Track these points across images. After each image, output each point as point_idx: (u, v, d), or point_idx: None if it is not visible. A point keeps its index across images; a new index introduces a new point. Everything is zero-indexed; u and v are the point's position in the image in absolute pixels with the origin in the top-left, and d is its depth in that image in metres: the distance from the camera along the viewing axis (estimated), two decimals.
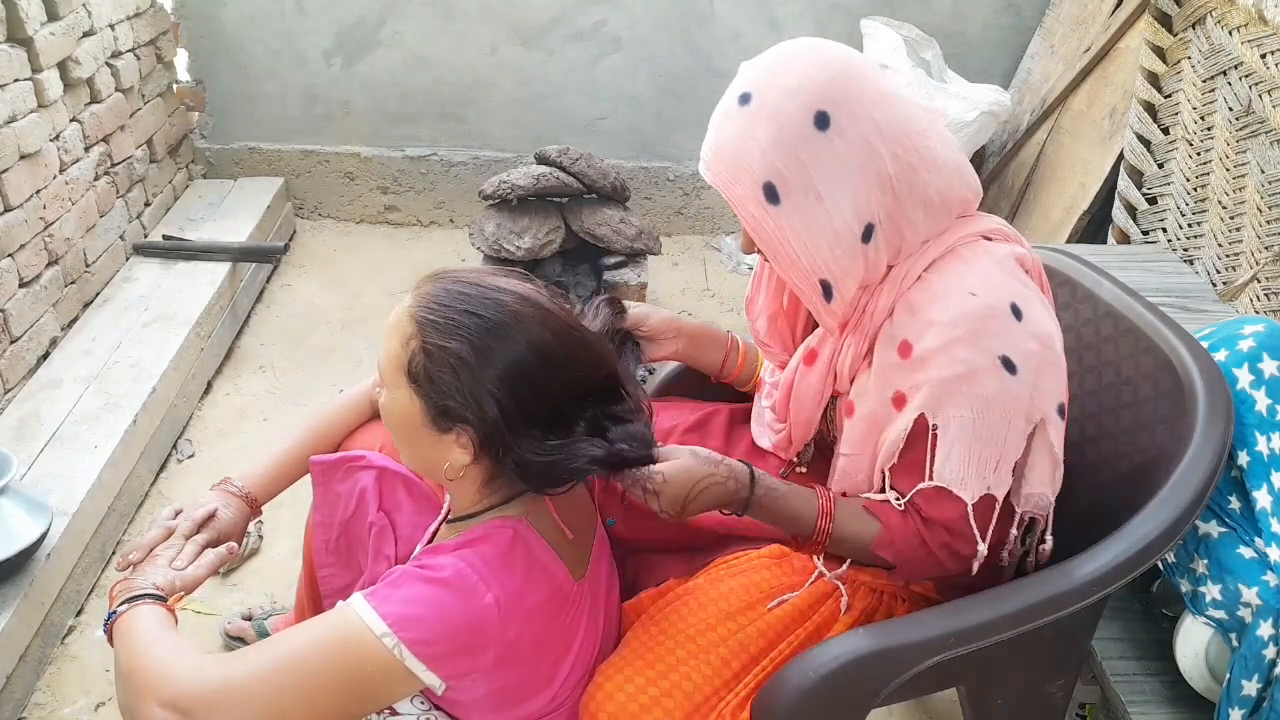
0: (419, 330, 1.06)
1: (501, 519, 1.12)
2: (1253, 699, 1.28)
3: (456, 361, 1.04)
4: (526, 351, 1.05)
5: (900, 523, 1.22)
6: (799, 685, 1.17)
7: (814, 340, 1.30)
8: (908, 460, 1.20)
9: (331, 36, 3.45)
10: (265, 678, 1.00)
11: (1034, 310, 1.18)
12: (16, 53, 2.35)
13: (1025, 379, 1.14)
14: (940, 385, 1.14)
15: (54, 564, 1.88)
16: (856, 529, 1.23)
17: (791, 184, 1.12)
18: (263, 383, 2.81)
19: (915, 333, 1.16)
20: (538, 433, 1.07)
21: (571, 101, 3.56)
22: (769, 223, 1.14)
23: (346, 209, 3.74)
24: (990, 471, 1.16)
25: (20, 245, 2.34)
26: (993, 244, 1.21)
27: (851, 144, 1.13)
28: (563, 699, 1.19)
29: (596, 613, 1.24)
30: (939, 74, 3.31)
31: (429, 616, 1.03)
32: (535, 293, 1.11)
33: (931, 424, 1.16)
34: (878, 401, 1.21)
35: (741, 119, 1.14)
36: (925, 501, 1.20)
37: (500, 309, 1.06)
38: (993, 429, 1.15)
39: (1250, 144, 2.17)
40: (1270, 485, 1.32)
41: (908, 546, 1.22)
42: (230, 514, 1.32)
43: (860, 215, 1.14)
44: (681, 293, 3.37)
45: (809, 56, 1.16)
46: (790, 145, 1.12)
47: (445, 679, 1.04)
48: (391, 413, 1.12)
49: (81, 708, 1.83)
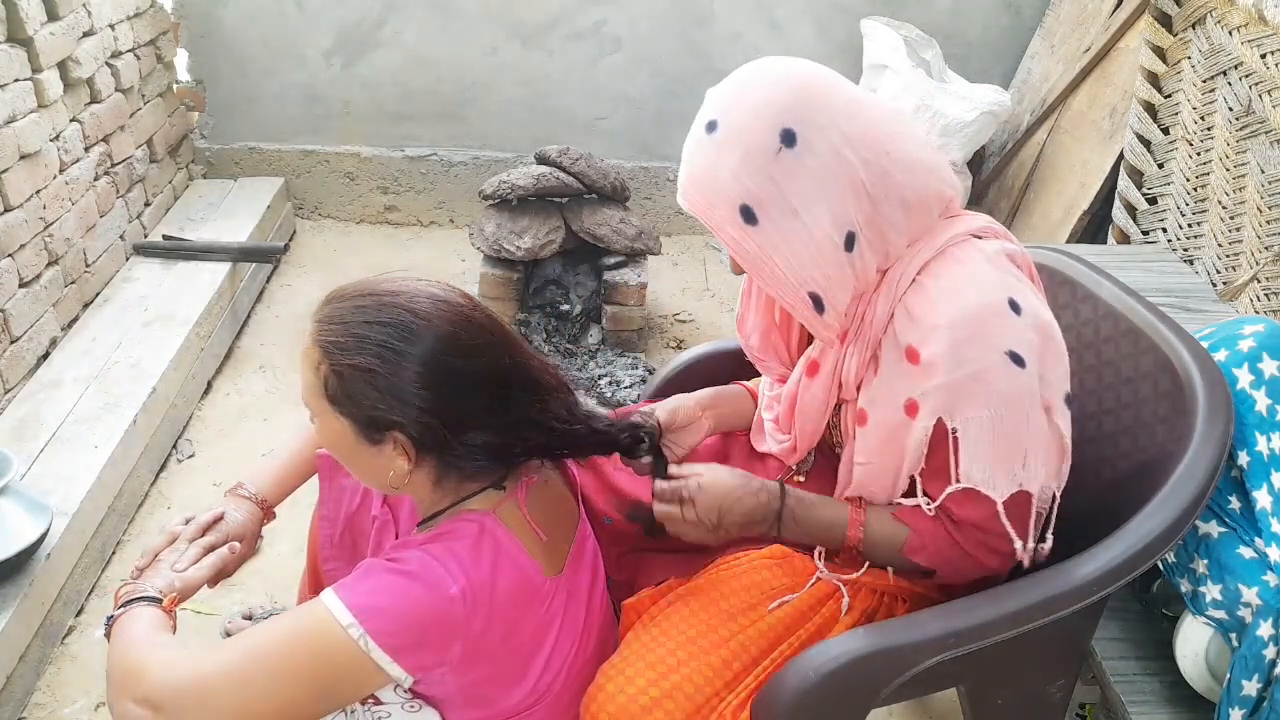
0: (325, 355, 1.08)
1: (467, 514, 1.14)
2: (1253, 699, 1.28)
3: (369, 374, 1.06)
4: (434, 345, 1.07)
5: (930, 526, 1.23)
6: (799, 685, 1.17)
7: (814, 352, 1.30)
8: (933, 465, 1.20)
9: (331, 36, 3.45)
10: (233, 671, 1.02)
11: (1030, 302, 1.18)
12: (16, 53, 2.35)
13: (1033, 371, 1.15)
14: (953, 388, 1.15)
15: (54, 564, 1.88)
16: (888, 536, 1.24)
17: (767, 203, 1.13)
18: (263, 383, 2.81)
19: (919, 338, 1.16)
20: (467, 422, 1.09)
21: (571, 101, 3.56)
22: (750, 244, 1.15)
23: (346, 209, 3.74)
24: (1019, 467, 1.17)
25: (20, 245, 2.34)
26: (983, 241, 1.22)
27: (820, 157, 1.13)
28: (540, 694, 1.19)
29: (576, 609, 1.23)
30: (939, 74, 3.31)
31: (394, 608, 1.03)
32: (429, 286, 1.12)
33: (951, 428, 1.16)
34: (890, 409, 1.21)
35: (709, 147, 1.16)
36: (955, 504, 1.21)
37: (398, 311, 1.08)
38: (1013, 425, 1.16)
39: (1250, 144, 2.17)
40: (1270, 485, 1.32)
41: (940, 549, 1.23)
42: (240, 517, 1.33)
43: (839, 225, 1.15)
44: (681, 293, 3.37)
45: (769, 77, 1.17)
46: (760, 166, 1.13)
47: (411, 671, 1.05)
48: (326, 438, 1.14)
49: (81, 708, 1.84)
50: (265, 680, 1.02)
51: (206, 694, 1.02)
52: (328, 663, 1.02)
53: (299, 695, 1.03)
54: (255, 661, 1.02)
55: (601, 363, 2.89)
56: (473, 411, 1.10)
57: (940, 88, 3.16)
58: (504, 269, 2.94)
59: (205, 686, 1.02)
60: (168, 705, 1.01)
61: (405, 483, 1.13)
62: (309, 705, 1.04)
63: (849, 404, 1.28)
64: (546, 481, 1.23)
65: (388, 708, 1.15)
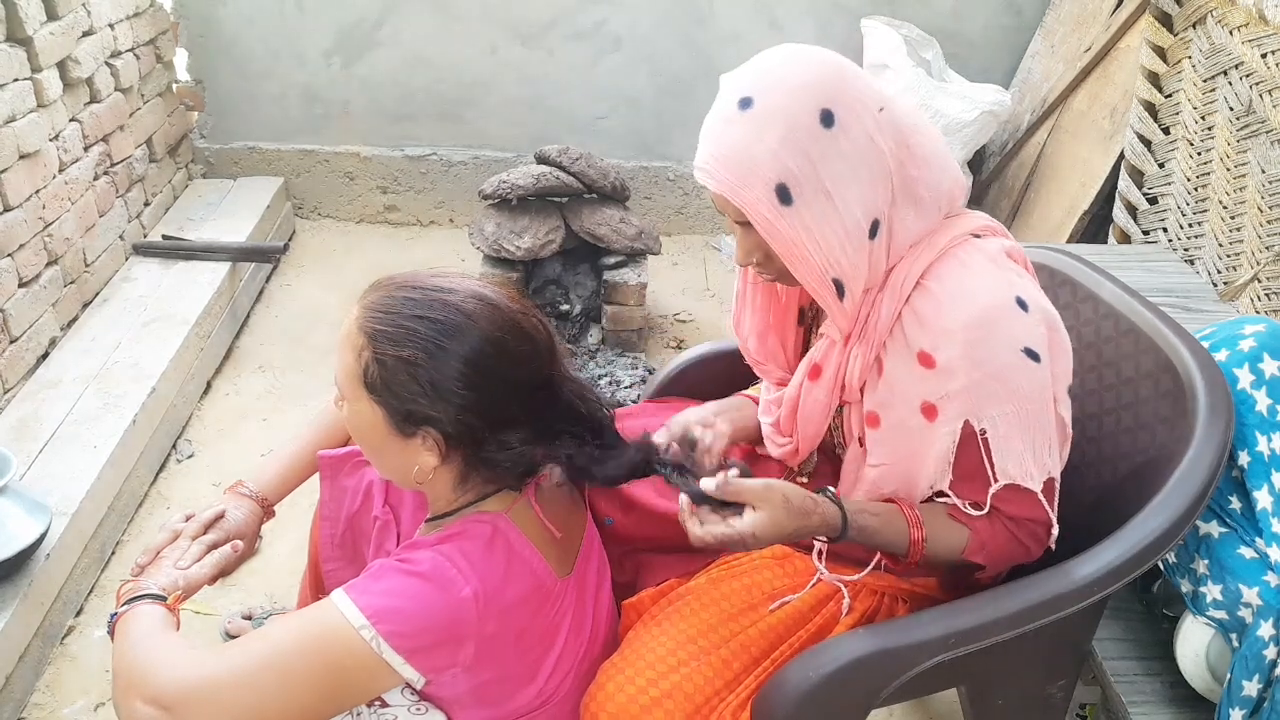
0: (370, 342, 1.07)
1: (480, 514, 1.13)
2: (1253, 699, 1.28)
3: (412, 367, 1.05)
4: (481, 346, 1.07)
5: (987, 525, 1.23)
6: (799, 686, 1.17)
7: (816, 354, 1.30)
8: (963, 466, 1.20)
9: (331, 36, 3.45)
10: (243, 671, 1.02)
11: (1035, 297, 1.19)
12: (16, 52, 2.35)
13: (1047, 363, 1.17)
14: (975, 389, 1.15)
15: (53, 564, 1.88)
16: (948, 542, 1.24)
17: (803, 183, 1.11)
18: (262, 383, 2.81)
19: (931, 343, 1.16)
20: (503, 425, 1.09)
21: (571, 101, 3.56)
22: (783, 224, 1.13)
23: (346, 209, 3.73)
24: (1046, 456, 1.19)
25: (20, 245, 2.34)
26: (983, 240, 1.22)
27: (855, 141, 1.13)
28: (548, 695, 1.19)
29: (584, 610, 1.24)
30: (939, 74, 3.31)
31: (407, 609, 1.03)
32: (481, 287, 1.12)
33: (979, 428, 1.17)
34: (907, 411, 1.21)
35: (745, 124, 1.13)
36: (1002, 503, 1.21)
37: (448, 309, 1.07)
38: (1038, 417, 1.17)
39: (1251, 144, 2.17)
40: (1271, 485, 1.32)
41: (998, 545, 1.24)
42: (241, 515, 1.32)
43: (868, 211, 1.15)
44: (681, 293, 3.37)
45: (804, 58, 1.16)
46: (800, 144, 1.11)
47: (424, 673, 1.05)
48: (355, 425, 1.13)
49: (81, 708, 1.83)
50: (276, 681, 1.01)
51: (216, 694, 1.01)
52: (339, 664, 1.02)
53: (309, 695, 1.03)
54: (265, 662, 1.02)
55: (601, 363, 2.89)
56: (509, 416, 1.09)
57: (940, 87, 3.16)
58: (504, 269, 2.94)
59: (215, 687, 1.01)
60: (177, 706, 1.00)
61: (428, 479, 1.12)
62: (319, 706, 1.04)
63: (852, 406, 1.28)
64: (557, 483, 1.23)
65: (394, 710, 1.15)
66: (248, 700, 1.01)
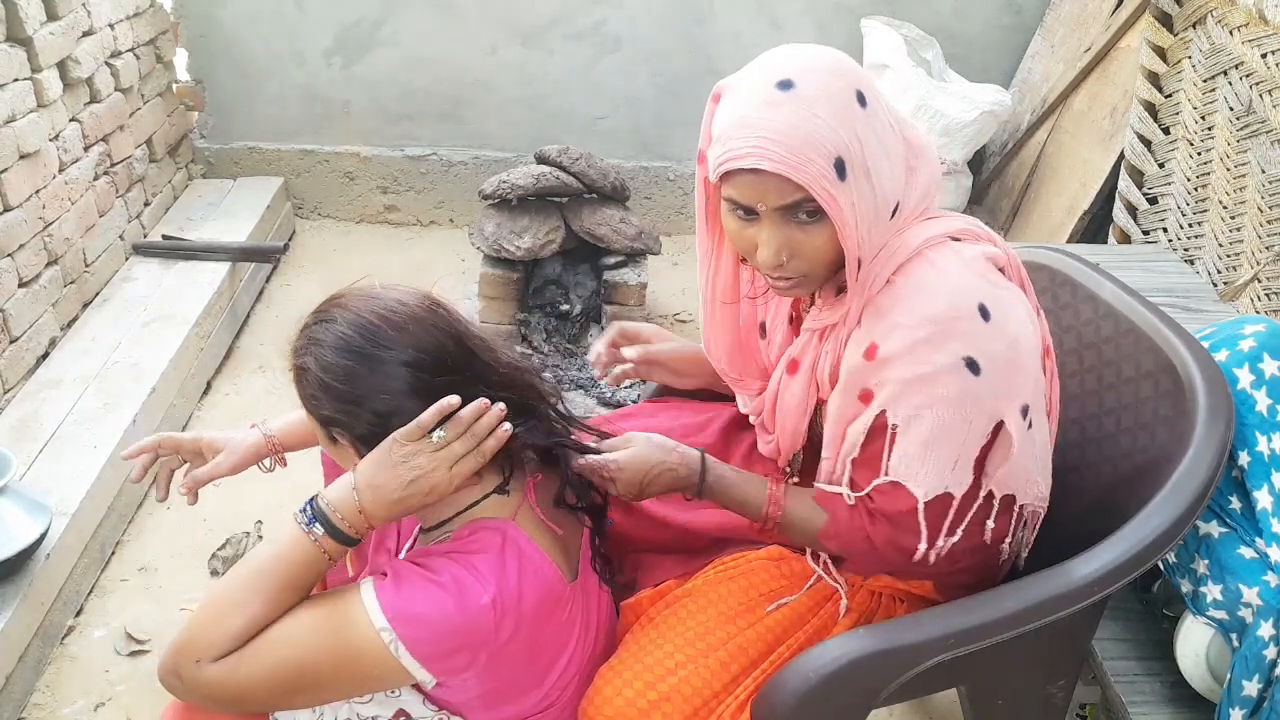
0: (291, 358, 1.13)
1: (486, 520, 1.14)
2: (1253, 699, 1.28)
3: (303, 373, 1.10)
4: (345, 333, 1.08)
5: (847, 516, 1.24)
6: (798, 687, 1.17)
7: (795, 350, 1.30)
8: (867, 455, 1.20)
9: (331, 36, 3.45)
10: (265, 640, 1.05)
11: (1006, 311, 1.15)
12: (16, 52, 2.35)
13: (990, 380, 1.13)
14: (903, 385, 1.14)
15: (53, 564, 1.88)
16: (805, 518, 1.26)
17: (854, 159, 1.10)
18: (262, 383, 2.80)
19: (880, 334, 1.15)
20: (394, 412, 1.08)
21: (571, 101, 3.56)
22: (843, 198, 1.10)
23: (346, 209, 3.73)
24: (948, 470, 1.16)
25: (20, 245, 2.34)
26: (961, 244, 1.19)
27: (883, 123, 1.13)
28: (553, 699, 1.20)
29: (590, 613, 1.24)
30: (939, 74, 3.31)
31: (428, 616, 1.05)
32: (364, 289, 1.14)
33: (891, 422, 1.16)
34: (845, 400, 1.21)
35: (794, 103, 1.09)
36: (878, 495, 1.21)
37: (324, 313, 1.11)
38: (952, 429, 1.14)
39: (1251, 144, 2.17)
40: (1271, 485, 1.32)
41: (851, 540, 1.24)
42: (237, 435, 1.45)
43: (894, 193, 1.15)
44: (682, 292, 3.37)
45: (814, 48, 1.16)
46: (850, 121, 1.10)
47: (437, 676, 1.08)
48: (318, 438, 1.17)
49: (81, 708, 1.83)
50: (294, 663, 1.05)
51: (239, 685, 1.05)
52: (356, 659, 1.05)
53: (321, 679, 1.06)
54: (286, 640, 1.05)
55: None
56: (396, 401, 1.08)
57: (940, 87, 3.16)
58: (504, 269, 2.94)
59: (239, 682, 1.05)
60: (215, 694, 1.05)
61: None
62: (328, 687, 1.08)
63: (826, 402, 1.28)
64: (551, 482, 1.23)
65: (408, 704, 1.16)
66: (260, 673, 1.05)
